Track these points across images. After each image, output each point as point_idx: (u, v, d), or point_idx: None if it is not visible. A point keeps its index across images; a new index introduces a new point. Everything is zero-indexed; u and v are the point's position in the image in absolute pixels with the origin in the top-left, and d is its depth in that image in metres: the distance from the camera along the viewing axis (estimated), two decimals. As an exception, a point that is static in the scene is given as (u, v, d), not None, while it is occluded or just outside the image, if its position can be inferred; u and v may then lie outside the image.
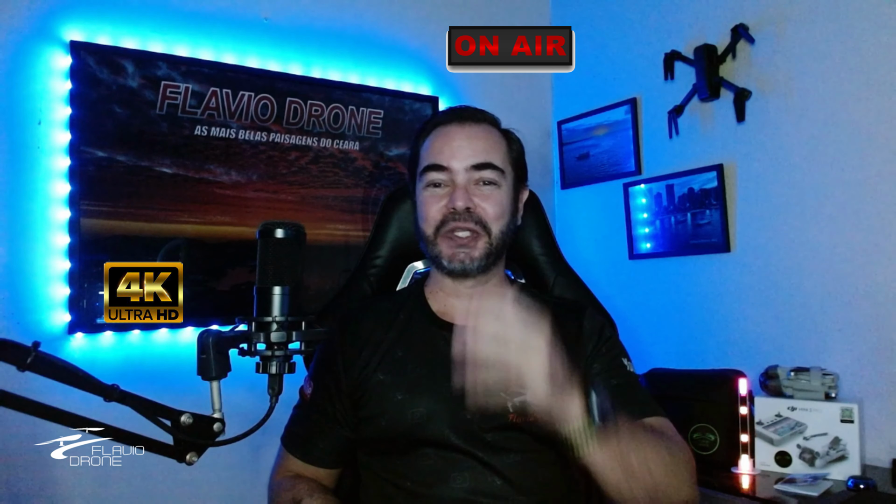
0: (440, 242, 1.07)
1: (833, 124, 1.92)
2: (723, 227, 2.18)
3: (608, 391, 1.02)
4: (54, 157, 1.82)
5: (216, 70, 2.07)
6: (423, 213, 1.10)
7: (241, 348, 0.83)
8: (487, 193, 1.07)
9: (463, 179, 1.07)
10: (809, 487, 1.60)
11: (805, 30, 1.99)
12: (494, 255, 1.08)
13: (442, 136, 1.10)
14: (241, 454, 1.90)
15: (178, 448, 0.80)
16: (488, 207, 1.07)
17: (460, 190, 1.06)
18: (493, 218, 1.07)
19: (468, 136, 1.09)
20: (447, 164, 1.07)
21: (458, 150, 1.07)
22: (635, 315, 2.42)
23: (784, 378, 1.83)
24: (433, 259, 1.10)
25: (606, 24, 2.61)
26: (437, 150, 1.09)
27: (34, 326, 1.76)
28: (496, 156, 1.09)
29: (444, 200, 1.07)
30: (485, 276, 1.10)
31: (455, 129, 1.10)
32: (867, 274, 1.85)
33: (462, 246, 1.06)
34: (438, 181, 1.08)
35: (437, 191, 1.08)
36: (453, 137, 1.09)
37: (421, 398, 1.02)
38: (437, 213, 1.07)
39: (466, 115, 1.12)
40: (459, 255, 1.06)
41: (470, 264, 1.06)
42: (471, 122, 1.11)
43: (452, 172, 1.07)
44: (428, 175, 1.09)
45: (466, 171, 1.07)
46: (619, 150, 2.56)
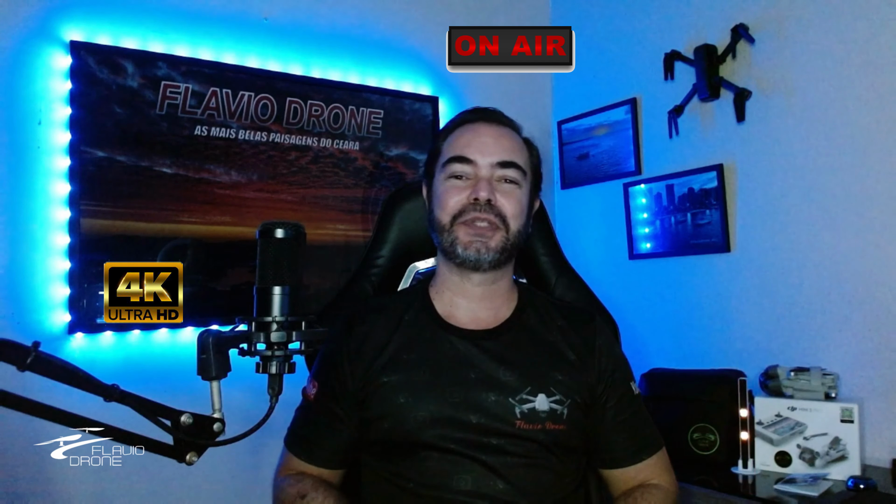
0: (457, 229, 1.07)
1: (833, 124, 1.93)
2: (723, 227, 2.18)
3: (616, 428, 1.08)
4: (54, 157, 1.82)
5: (216, 70, 2.07)
6: (441, 201, 1.09)
7: (241, 348, 0.82)
8: (509, 191, 1.08)
9: (487, 174, 1.08)
10: (809, 487, 1.60)
11: (805, 30, 1.99)
12: (508, 251, 1.08)
13: (469, 131, 1.12)
14: (241, 454, 1.90)
15: (178, 448, 0.79)
16: (509, 204, 1.07)
17: (484, 182, 1.07)
18: (512, 215, 1.08)
19: (495, 134, 1.11)
20: (473, 158, 1.08)
21: (485, 145, 1.09)
22: (635, 315, 2.42)
23: (784, 378, 1.83)
24: (446, 248, 1.08)
25: (606, 24, 2.61)
26: (464, 143, 1.10)
27: (34, 326, 1.76)
28: (520, 157, 1.11)
29: (466, 192, 1.07)
30: (493, 275, 1.09)
31: (483, 127, 1.12)
32: (867, 274, 1.85)
33: (480, 235, 1.06)
34: (461, 173, 1.08)
35: (458, 182, 1.09)
36: (481, 133, 1.11)
37: (425, 401, 1.01)
38: (456, 203, 1.07)
39: (494, 117, 1.14)
40: (476, 244, 1.05)
41: (486, 254, 1.06)
42: (497, 123, 1.13)
43: (477, 167, 1.08)
44: (451, 166, 1.09)
45: (491, 166, 1.08)
46: (619, 150, 2.56)
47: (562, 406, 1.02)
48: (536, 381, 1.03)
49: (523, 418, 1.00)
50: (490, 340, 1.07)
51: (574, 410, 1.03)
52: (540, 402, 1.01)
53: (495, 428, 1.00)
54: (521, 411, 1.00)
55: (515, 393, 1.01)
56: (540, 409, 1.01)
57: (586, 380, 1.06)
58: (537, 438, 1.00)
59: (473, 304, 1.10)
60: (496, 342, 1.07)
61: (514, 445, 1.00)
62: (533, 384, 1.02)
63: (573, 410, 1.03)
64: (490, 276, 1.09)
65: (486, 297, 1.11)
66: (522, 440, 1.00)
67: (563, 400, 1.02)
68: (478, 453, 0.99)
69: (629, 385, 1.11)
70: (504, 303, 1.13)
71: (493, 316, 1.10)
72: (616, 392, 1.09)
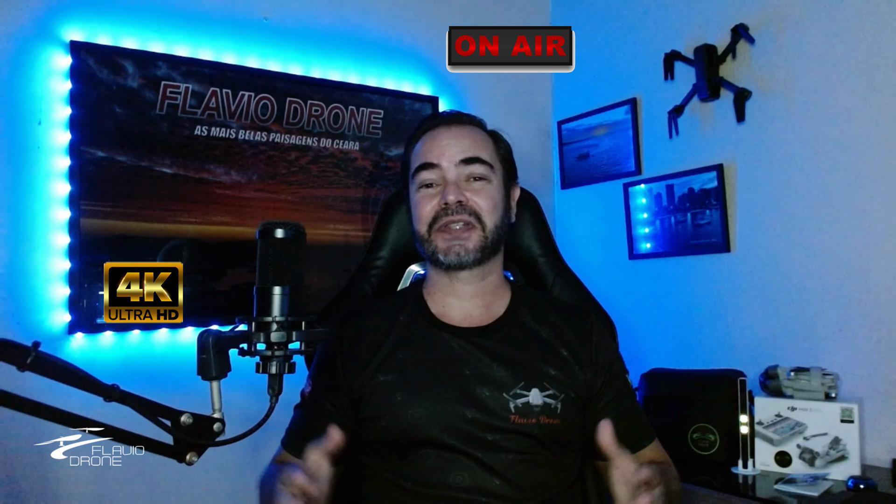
0: (435, 238, 1.09)
1: (833, 124, 1.92)
2: (723, 227, 2.18)
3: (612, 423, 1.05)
4: (54, 157, 1.82)
5: (216, 70, 2.07)
6: (416, 213, 1.12)
7: (241, 348, 0.82)
8: (479, 188, 1.10)
9: (453, 175, 1.09)
10: (809, 487, 1.60)
11: (805, 30, 1.99)
12: (490, 248, 1.09)
13: (430, 138, 1.14)
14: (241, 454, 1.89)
15: (178, 448, 0.79)
16: (480, 201, 1.09)
17: (451, 185, 1.08)
18: (486, 211, 1.09)
19: (454, 135, 1.12)
20: (436, 162, 1.10)
21: (446, 147, 1.10)
22: (635, 315, 2.42)
23: (784, 378, 1.83)
24: (429, 257, 1.11)
25: (606, 24, 2.61)
26: (426, 150, 1.12)
27: (34, 326, 1.76)
28: (483, 152, 1.12)
29: (437, 199, 1.09)
30: (480, 271, 1.11)
31: (442, 131, 1.14)
32: (867, 274, 1.85)
33: (456, 238, 1.07)
34: (430, 181, 1.10)
35: (428, 191, 1.11)
36: (441, 138, 1.12)
37: (420, 399, 1.02)
38: (430, 210, 1.09)
39: (451, 119, 1.16)
40: (455, 248, 1.07)
41: (465, 256, 1.07)
42: (456, 124, 1.15)
43: (442, 169, 1.09)
44: (419, 175, 1.11)
45: (456, 166, 1.09)
46: (619, 150, 2.55)
47: (555, 400, 1.03)
48: (530, 376, 1.04)
49: (517, 412, 1.01)
50: (483, 337, 1.08)
51: (568, 405, 1.04)
52: (534, 397, 1.02)
53: (490, 423, 1.00)
54: (515, 406, 1.01)
55: (509, 388, 1.03)
56: (534, 404, 1.02)
57: (582, 376, 1.07)
58: (532, 433, 1.01)
59: (465, 302, 1.12)
60: (489, 339, 1.08)
61: (509, 441, 1.00)
62: (526, 379, 1.04)
63: (567, 405, 1.04)
64: (477, 272, 1.11)
65: (477, 295, 1.12)
66: (517, 435, 1.01)
67: (557, 394, 1.03)
68: (474, 450, 1.00)
69: (625, 379, 1.13)
70: (496, 300, 1.14)
71: (485, 313, 1.12)
72: (613, 387, 1.10)
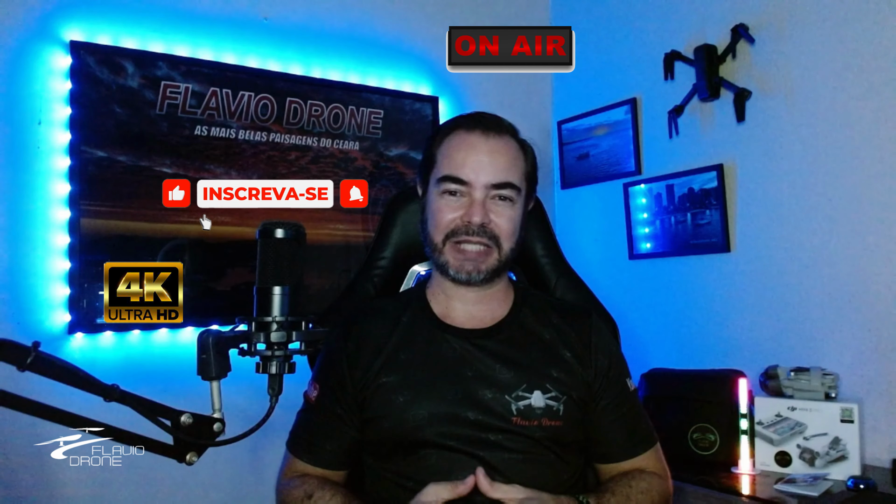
0: (448, 252, 1.08)
1: (833, 124, 1.92)
2: (723, 227, 2.18)
3: (612, 424, 1.08)
4: (54, 157, 1.82)
5: (216, 70, 2.07)
6: (434, 219, 1.09)
7: (241, 348, 0.83)
8: (502, 210, 1.08)
9: (481, 195, 1.06)
10: (809, 487, 1.60)
11: (805, 30, 1.99)
12: (502, 269, 1.10)
13: (465, 146, 1.08)
14: (241, 454, 1.90)
15: (178, 448, 0.80)
16: (502, 223, 1.07)
17: (478, 205, 1.06)
18: (506, 234, 1.08)
19: (491, 150, 1.07)
20: (468, 179, 1.06)
21: (481, 165, 1.06)
22: (635, 315, 2.42)
23: (784, 378, 1.83)
24: (439, 266, 1.10)
25: (606, 24, 2.61)
26: (459, 161, 1.07)
27: (34, 326, 1.76)
28: (515, 174, 1.09)
29: (460, 212, 1.06)
30: (489, 285, 1.11)
31: (479, 141, 1.08)
32: (867, 274, 1.85)
33: (471, 259, 1.06)
34: (455, 191, 1.07)
35: (451, 200, 1.07)
36: (477, 150, 1.07)
37: (423, 400, 1.02)
38: (450, 222, 1.07)
39: (491, 126, 1.09)
40: (467, 267, 1.06)
41: (477, 276, 1.07)
42: (494, 134, 1.09)
43: (472, 187, 1.06)
44: (446, 184, 1.08)
45: (486, 187, 1.06)
46: (619, 150, 2.55)
47: (558, 403, 1.03)
48: (532, 378, 1.04)
49: (520, 415, 1.01)
50: (486, 339, 1.08)
51: (570, 407, 1.04)
52: (536, 399, 1.02)
53: (493, 424, 1.01)
54: (517, 408, 1.01)
55: (512, 390, 1.03)
56: (536, 406, 1.02)
57: (583, 377, 1.07)
58: (534, 434, 1.01)
59: (469, 305, 1.12)
60: (492, 341, 1.08)
61: (512, 442, 1.01)
62: (529, 381, 1.04)
63: (569, 407, 1.04)
64: (485, 287, 1.11)
65: (481, 300, 1.12)
66: (519, 436, 1.01)
67: (559, 396, 1.03)
68: (476, 450, 1.00)
69: (625, 381, 1.12)
70: (500, 303, 1.14)
71: (489, 315, 1.11)
72: (612, 388, 1.10)
